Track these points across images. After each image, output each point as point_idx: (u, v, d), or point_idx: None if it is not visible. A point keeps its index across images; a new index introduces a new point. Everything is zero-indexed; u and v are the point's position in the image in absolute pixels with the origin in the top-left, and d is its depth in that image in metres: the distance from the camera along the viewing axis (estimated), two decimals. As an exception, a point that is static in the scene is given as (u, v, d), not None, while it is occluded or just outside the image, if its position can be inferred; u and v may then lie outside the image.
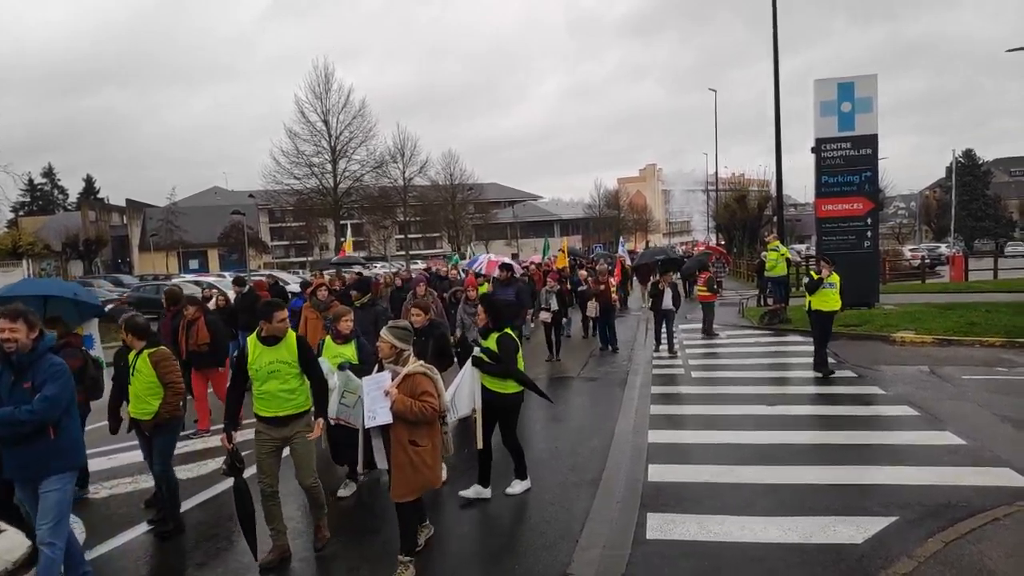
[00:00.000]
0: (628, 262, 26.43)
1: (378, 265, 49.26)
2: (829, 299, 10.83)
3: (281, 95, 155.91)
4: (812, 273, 10.84)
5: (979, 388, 9.60)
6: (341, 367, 5.73)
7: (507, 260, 15.13)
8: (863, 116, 18.22)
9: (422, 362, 4.79)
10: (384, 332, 4.82)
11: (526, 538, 5.44)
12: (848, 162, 18.39)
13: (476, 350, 6.07)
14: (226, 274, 42.45)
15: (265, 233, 78.95)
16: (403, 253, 57.58)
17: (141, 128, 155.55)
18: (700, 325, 16.14)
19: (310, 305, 9.39)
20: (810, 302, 10.90)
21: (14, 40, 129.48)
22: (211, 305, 11.25)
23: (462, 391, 5.95)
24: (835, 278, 10.85)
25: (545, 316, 13.34)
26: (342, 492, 6.52)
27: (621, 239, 41.66)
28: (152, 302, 22.92)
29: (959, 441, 7.24)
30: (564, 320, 15.57)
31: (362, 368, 5.74)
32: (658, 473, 6.72)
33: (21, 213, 68.72)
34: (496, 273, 12.60)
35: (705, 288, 16.41)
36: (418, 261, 51.80)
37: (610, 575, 4.77)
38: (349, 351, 6.21)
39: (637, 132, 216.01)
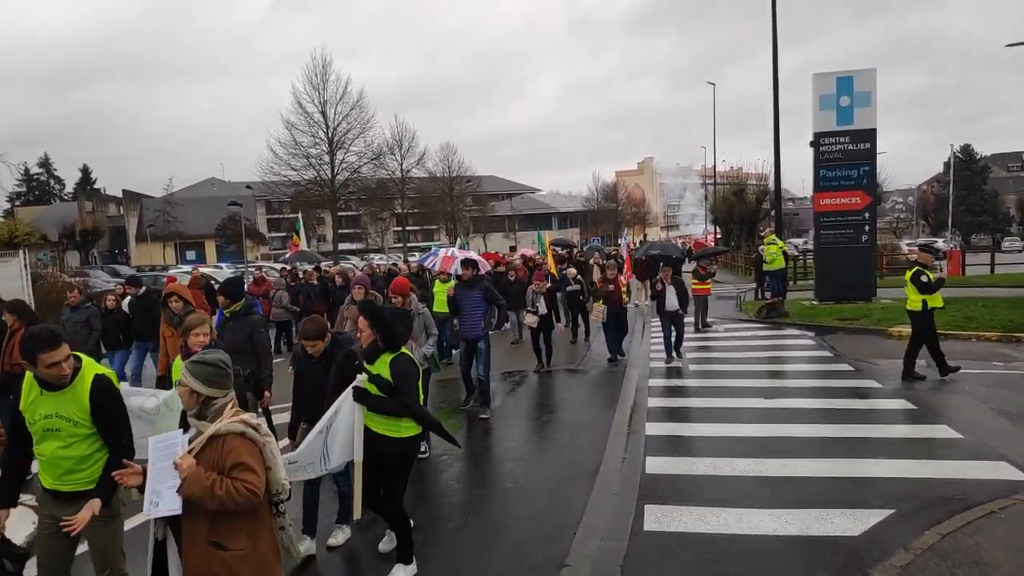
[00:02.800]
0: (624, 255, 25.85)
1: (375, 257, 49.17)
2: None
3: (280, 89, 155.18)
4: (929, 274, 10.20)
5: (976, 382, 9.61)
6: None
7: (471, 255, 12.05)
8: (862, 110, 18.22)
9: (245, 416, 3.14)
10: (183, 369, 3.17)
11: (523, 530, 5.44)
12: (846, 156, 18.39)
13: (360, 378, 4.46)
14: (223, 265, 42.48)
15: (262, 224, 78.82)
16: (400, 245, 57.60)
17: (139, 119, 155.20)
18: (691, 319, 15.99)
19: (165, 319, 7.36)
20: (925, 301, 10.11)
21: (11, 31, 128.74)
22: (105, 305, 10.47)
23: (336, 435, 4.40)
24: None
25: (531, 320, 11.54)
26: None
27: (624, 232, 41.67)
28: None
29: (956, 435, 7.26)
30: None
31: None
32: (656, 465, 6.73)
33: (17, 203, 68.48)
34: (457, 270, 10.10)
35: (698, 281, 15.97)
36: (415, 253, 51.78)
37: (607, 567, 4.78)
38: None
39: (636, 126, 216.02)
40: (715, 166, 54.31)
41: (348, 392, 4.47)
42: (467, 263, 9.52)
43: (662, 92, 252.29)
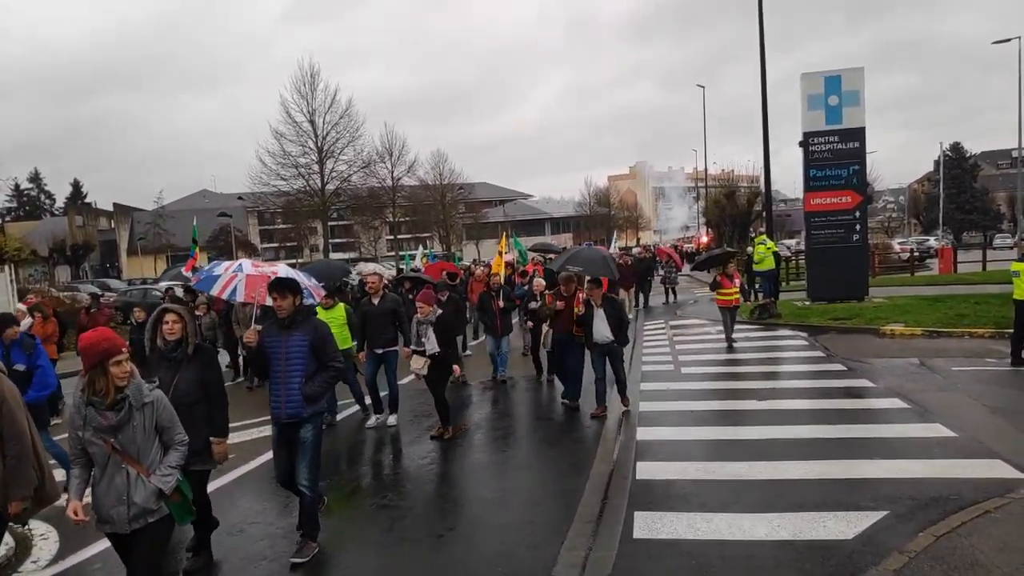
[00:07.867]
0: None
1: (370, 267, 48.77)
2: None
3: (273, 99, 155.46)
4: None
5: (969, 380, 9.54)
6: None
7: (284, 273, 6.09)
8: (850, 109, 18.21)
9: None
10: None
11: (510, 539, 5.32)
12: (836, 155, 18.36)
13: None
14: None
15: (254, 235, 78.53)
16: (393, 254, 57.44)
17: (129, 132, 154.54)
18: (690, 321, 15.87)
19: None
20: None
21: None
22: None
23: None
24: None
25: (416, 365, 7.88)
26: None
27: (615, 236, 41.64)
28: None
29: (949, 433, 7.17)
30: (498, 351, 11.39)
31: None
32: (646, 470, 6.62)
33: (7, 219, 68.19)
34: (260, 298, 5.98)
35: (727, 292, 13.56)
36: (406, 258, 51.61)
37: (596, 576, 4.66)
38: None
39: (630, 130, 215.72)
40: (706, 168, 54.45)
41: None
42: (276, 287, 5.32)
43: (656, 96, 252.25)
